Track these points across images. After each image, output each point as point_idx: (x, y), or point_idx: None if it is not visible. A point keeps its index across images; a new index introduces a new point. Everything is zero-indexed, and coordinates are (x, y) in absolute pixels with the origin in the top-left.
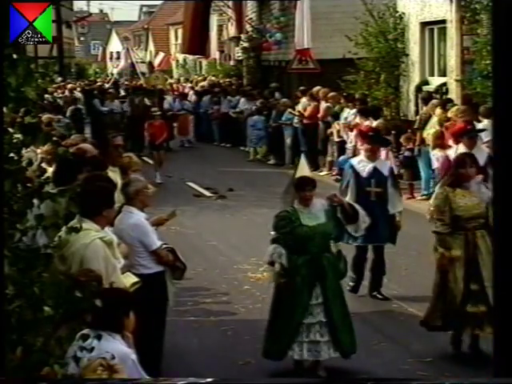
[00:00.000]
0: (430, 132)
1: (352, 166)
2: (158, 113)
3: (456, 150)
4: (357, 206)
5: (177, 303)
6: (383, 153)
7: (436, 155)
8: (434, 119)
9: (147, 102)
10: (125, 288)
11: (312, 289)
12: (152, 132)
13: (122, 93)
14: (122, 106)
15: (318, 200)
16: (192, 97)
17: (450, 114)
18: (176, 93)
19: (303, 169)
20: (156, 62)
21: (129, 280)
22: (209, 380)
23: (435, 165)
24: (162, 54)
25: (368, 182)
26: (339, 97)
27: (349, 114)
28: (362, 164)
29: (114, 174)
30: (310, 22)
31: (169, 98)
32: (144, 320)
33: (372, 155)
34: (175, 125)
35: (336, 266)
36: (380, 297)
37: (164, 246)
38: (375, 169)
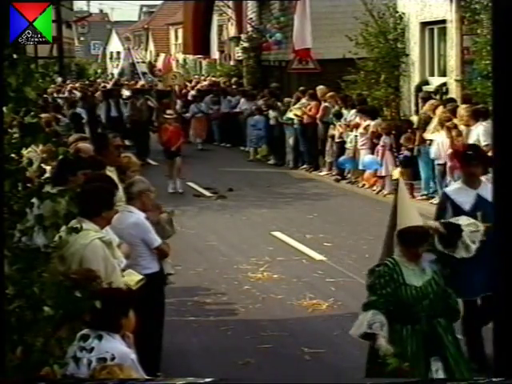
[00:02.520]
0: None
1: (448, 197)
2: (173, 116)
3: None
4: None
5: (177, 303)
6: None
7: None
8: (435, 120)
9: (151, 103)
10: (126, 286)
11: (427, 367)
12: (167, 138)
13: (126, 93)
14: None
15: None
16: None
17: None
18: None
19: (411, 212)
20: (159, 64)
21: (133, 278)
22: (208, 380)
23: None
24: (162, 56)
25: (473, 217)
26: (336, 98)
27: (348, 114)
28: (461, 194)
29: (111, 174)
30: (310, 22)
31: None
32: (143, 320)
33: (473, 180)
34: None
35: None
36: None
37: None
38: (479, 197)
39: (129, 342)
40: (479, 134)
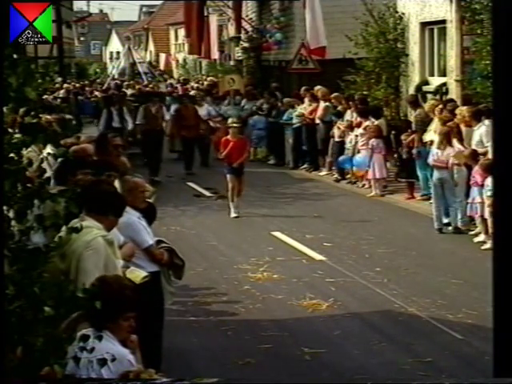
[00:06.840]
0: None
1: None
2: (238, 125)
3: None
4: None
5: (177, 303)
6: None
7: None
8: (436, 121)
9: (165, 110)
10: (129, 283)
11: None
12: (227, 152)
13: (127, 93)
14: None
15: None
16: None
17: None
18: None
19: None
20: (161, 64)
21: (138, 275)
22: (208, 380)
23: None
24: (163, 55)
25: None
26: (341, 98)
27: (348, 114)
28: None
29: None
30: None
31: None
32: (142, 320)
33: None
34: None
35: None
36: None
37: (163, 244)
38: None
39: (132, 346)
40: (481, 134)
